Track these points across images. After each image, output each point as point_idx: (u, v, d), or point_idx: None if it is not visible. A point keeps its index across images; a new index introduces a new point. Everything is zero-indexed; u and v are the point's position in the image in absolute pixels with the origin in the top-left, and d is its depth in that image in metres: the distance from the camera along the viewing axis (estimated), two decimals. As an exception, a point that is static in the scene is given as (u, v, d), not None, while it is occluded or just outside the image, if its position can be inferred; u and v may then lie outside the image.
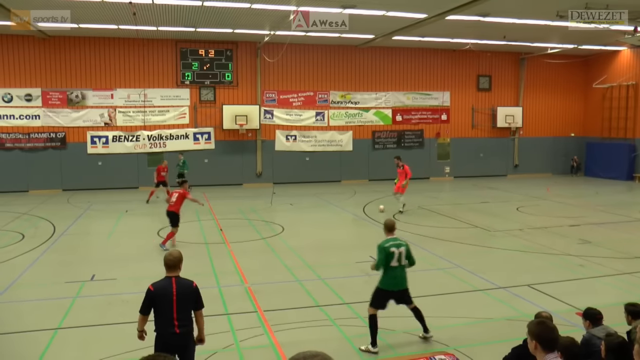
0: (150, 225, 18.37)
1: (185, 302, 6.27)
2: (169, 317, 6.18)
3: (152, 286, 6.29)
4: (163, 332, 6.22)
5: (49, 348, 8.36)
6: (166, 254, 6.43)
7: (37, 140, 27.15)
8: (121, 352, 7.92)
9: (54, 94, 27.20)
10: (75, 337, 8.90)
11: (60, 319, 9.54)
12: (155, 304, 6.23)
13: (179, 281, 6.32)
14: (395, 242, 8.41)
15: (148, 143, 28.02)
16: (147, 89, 27.84)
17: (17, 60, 26.66)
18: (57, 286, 11.67)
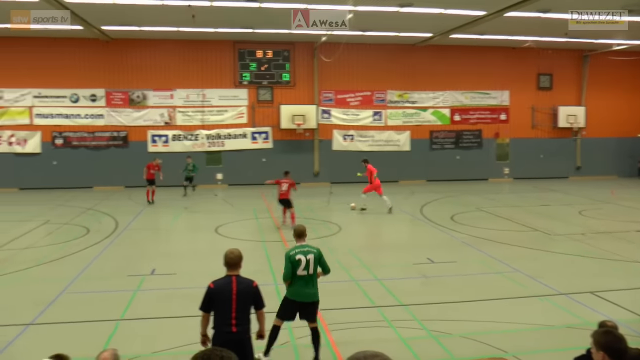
0: (208, 222, 18.72)
1: (245, 301, 6.32)
2: (227, 316, 6.23)
3: (213, 284, 6.33)
4: (220, 329, 6.28)
5: (112, 338, 8.65)
6: (227, 253, 6.47)
7: (100, 139, 28.15)
8: (180, 344, 8.12)
9: (117, 94, 28.13)
10: (136, 329, 9.20)
11: (123, 311, 9.87)
12: (215, 301, 6.27)
13: (239, 280, 6.36)
14: (303, 249, 7.76)
15: (206, 142, 28.60)
16: (205, 89, 28.41)
17: (83, 62, 27.74)
18: (119, 279, 12.05)
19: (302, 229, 8.11)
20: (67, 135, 28.06)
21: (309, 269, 7.67)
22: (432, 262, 13.21)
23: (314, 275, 7.77)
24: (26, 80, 27.61)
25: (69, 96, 27.91)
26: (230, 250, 6.56)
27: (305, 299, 7.73)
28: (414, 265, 12.93)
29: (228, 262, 6.42)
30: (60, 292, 11.19)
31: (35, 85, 27.73)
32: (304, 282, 7.67)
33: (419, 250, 14.52)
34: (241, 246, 14.81)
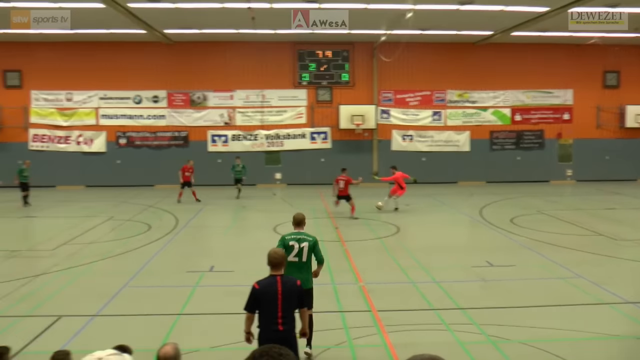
0: (267, 221, 18.93)
1: (290, 300, 6.32)
2: (274, 315, 6.25)
3: (258, 284, 6.36)
4: (266, 329, 6.28)
5: (172, 332, 8.89)
6: (271, 253, 6.48)
7: (162, 139, 28.94)
8: (237, 340, 8.20)
9: (178, 96, 28.84)
10: (195, 324, 9.42)
11: (182, 306, 10.12)
12: (260, 301, 6.29)
13: (283, 279, 6.37)
14: (298, 236, 7.92)
15: (266, 142, 28.94)
16: (265, 90, 28.75)
17: (146, 65, 28.63)
18: (179, 275, 12.34)
19: (301, 216, 8.28)
20: (131, 135, 28.99)
21: (302, 257, 7.79)
22: (491, 266, 12.98)
23: (307, 263, 7.89)
24: (93, 83, 28.72)
25: (133, 98, 28.85)
26: (274, 250, 6.60)
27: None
28: (472, 268, 12.73)
29: (272, 262, 6.43)
30: (123, 285, 11.57)
31: (101, 87, 28.81)
32: (296, 269, 7.71)
33: (478, 252, 14.28)
34: (299, 246, 14.90)
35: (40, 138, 29.28)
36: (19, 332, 9.08)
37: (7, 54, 28.80)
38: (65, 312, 9.97)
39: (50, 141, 29.25)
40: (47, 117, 29.17)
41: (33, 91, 29.17)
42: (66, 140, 29.19)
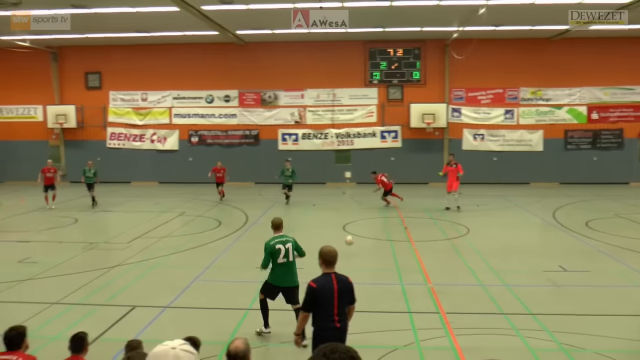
0: (336, 219, 18.95)
1: (344, 297, 6.41)
2: (330, 313, 6.32)
3: (314, 283, 6.39)
4: (323, 327, 6.35)
5: (240, 326, 9.04)
6: (326, 251, 6.51)
7: (233, 137, 29.48)
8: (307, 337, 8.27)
9: (249, 95, 29.31)
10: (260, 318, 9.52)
11: (251, 301, 10.25)
12: (317, 300, 6.33)
13: (338, 277, 6.44)
14: (281, 239, 8.54)
15: (336, 141, 28.98)
16: (335, 89, 28.79)
17: (218, 65, 29.25)
18: (248, 270, 12.42)
19: (279, 221, 8.90)
20: (202, 133, 29.70)
21: (289, 257, 8.51)
22: (564, 270, 12.54)
23: (293, 261, 8.59)
24: (167, 83, 29.62)
25: (205, 97, 29.55)
26: (328, 248, 6.59)
27: (285, 284, 8.63)
28: (544, 272, 12.32)
29: (328, 259, 6.47)
30: (194, 279, 11.88)
31: (174, 87, 29.67)
32: (285, 270, 8.52)
33: (550, 256, 13.83)
34: (367, 244, 14.98)
35: (117, 136, 30.47)
36: (96, 319, 9.49)
37: (88, 57, 30.13)
38: (139, 303, 10.35)
39: (126, 139, 30.38)
40: (124, 116, 30.32)
41: (111, 92, 30.39)
42: (141, 138, 30.23)
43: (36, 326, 8.63)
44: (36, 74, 30.61)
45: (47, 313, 9.98)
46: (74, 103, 30.30)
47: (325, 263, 6.48)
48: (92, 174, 22.34)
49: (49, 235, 17.22)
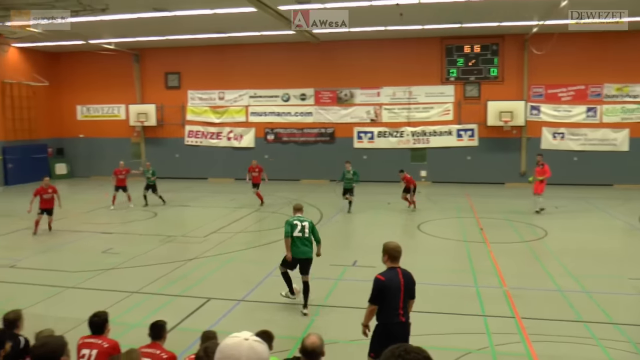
0: (411, 218, 18.76)
1: (409, 291, 6.53)
2: (395, 307, 6.42)
3: (382, 276, 6.48)
4: (388, 321, 6.44)
5: (313, 322, 9.10)
6: (391, 246, 6.61)
7: (309, 135, 29.71)
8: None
9: (325, 93, 29.45)
10: (336, 316, 9.64)
11: (324, 297, 10.32)
12: (384, 294, 6.41)
13: (403, 271, 6.56)
14: (299, 218, 10.09)
15: (411, 139, 28.70)
16: (412, 86, 28.50)
17: (294, 64, 29.56)
18: (322, 267, 12.45)
19: (300, 205, 10.56)
20: (278, 131, 30.10)
21: (304, 232, 9.88)
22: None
23: (309, 238, 9.94)
24: (244, 82, 30.23)
25: (281, 96, 29.93)
26: (393, 243, 6.69)
27: (300, 255, 9.87)
28: (629, 280, 11.69)
29: (394, 255, 6.57)
30: (267, 274, 12.06)
31: (251, 86, 30.23)
32: (300, 242, 9.87)
33: (636, 263, 13.17)
34: (443, 245, 14.78)
35: (195, 134, 31.35)
36: (173, 309, 9.82)
37: (168, 58, 31.27)
38: (214, 295, 10.63)
39: (204, 137, 31.21)
40: (201, 114, 31.16)
41: (190, 91, 31.33)
42: (218, 136, 30.97)
43: (117, 313, 8.99)
44: (120, 75, 32.09)
45: (127, 301, 10.43)
46: (154, 102, 31.49)
47: (390, 258, 6.59)
48: (150, 174, 22.27)
49: (129, 228, 17.92)
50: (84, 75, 32.85)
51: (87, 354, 5.89)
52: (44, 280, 11.91)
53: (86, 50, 30.75)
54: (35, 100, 31.49)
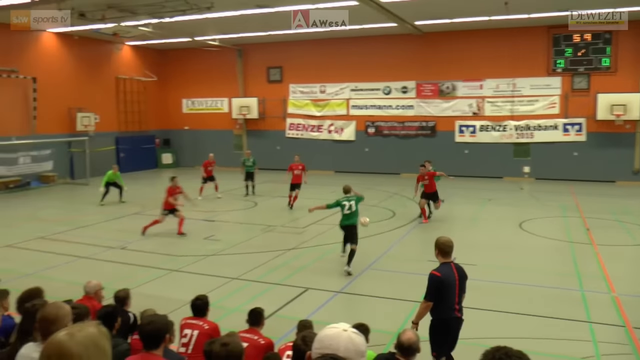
0: (513, 215, 18.11)
1: (463, 286, 6.57)
2: (451, 302, 6.44)
3: (438, 272, 6.45)
4: (444, 316, 6.44)
5: (410, 317, 8.94)
6: (443, 241, 6.58)
7: (409, 129, 29.37)
8: (473, 336, 8.03)
9: (427, 86, 28.96)
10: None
11: (422, 294, 10.12)
12: (440, 289, 6.39)
13: (457, 266, 6.58)
14: (348, 198, 12.21)
15: (515, 133, 27.67)
16: (516, 78, 27.46)
17: (395, 57, 29.22)
18: (419, 263, 12.30)
19: (348, 187, 12.77)
20: (379, 124, 29.96)
21: (352, 209, 12.03)
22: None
23: (355, 211, 12.13)
24: (345, 75, 30.30)
25: (382, 89, 29.75)
26: (444, 238, 6.67)
27: (347, 223, 12.08)
28: None
29: (445, 250, 6.56)
30: (366, 267, 12.09)
31: (352, 79, 30.25)
32: (348, 216, 12.03)
33: None
34: (546, 245, 14.20)
35: (296, 127, 31.84)
36: (272, 297, 10.04)
37: (270, 53, 31.89)
38: (312, 285, 10.75)
39: (304, 129, 31.63)
40: (303, 107, 31.58)
41: (291, 85, 31.83)
42: (318, 129, 31.27)
43: (218, 297, 9.30)
44: (223, 70, 33.23)
45: (228, 286, 10.79)
46: (256, 96, 32.30)
47: (442, 253, 6.60)
48: (251, 163, 22.87)
49: (231, 217, 18.48)
50: (190, 70, 34.33)
51: (189, 334, 6.14)
52: (151, 262, 12.55)
53: (192, 47, 32.21)
54: (145, 95, 33.51)
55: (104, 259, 13.18)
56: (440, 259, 6.61)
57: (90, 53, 29.73)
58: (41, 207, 20.53)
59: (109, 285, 8.93)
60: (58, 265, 12.71)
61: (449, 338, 6.56)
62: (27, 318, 3.98)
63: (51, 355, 2.01)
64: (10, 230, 16.68)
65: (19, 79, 25.96)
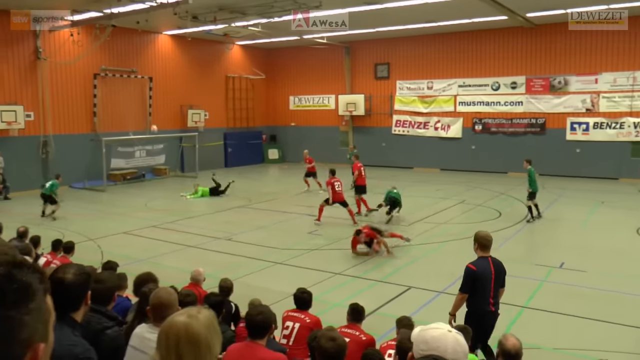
0: (629, 220, 16.96)
1: (499, 280, 6.68)
2: (486, 296, 6.60)
3: (474, 265, 6.61)
4: (478, 309, 6.63)
5: (514, 324, 8.65)
6: (482, 235, 6.72)
7: (518, 126, 28.29)
8: (580, 347, 7.66)
9: (537, 81, 27.74)
10: (538, 320, 9.01)
11: (527, 299, 9.76)
12: (475, 282, 6.58)
13: (494, 260, 6.67)
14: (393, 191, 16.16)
15: (633, 131, 25.88)
16: (636, 71, 25.66)
17: (505, 51, 28.28)
18: (526, 266, 11.91)
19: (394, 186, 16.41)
20: (486, 121, 29.09)
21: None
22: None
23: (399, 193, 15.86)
24: (453, 71, 29.73)
25: (491, 84, 28.85)
26: (484, 232, 6.83)
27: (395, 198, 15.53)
28: None
29: (484, 243, 6.67)
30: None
31: (460, 75, 29.60)
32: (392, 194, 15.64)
33: None
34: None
35: (402, 123, 31.58)
36: (374, 294, 10.05)
37: (378, 49, 31.91)
38: (415, 284, 10.63)
39: (411, 126, 31.31)
40: (409, 104, 31.27)
41: (398, 81, 31.63)
42: (425, 125, 30.84)
43: (320, 292, 9.38)
44: (330, 67, 33.68)
45: (330, 281, 10.88)
46: (363, 92, 32.41)
47: (480, 247, 6.71)
48: (349, 156, 23.55)
49: (333, 212, 18.49)
50: (297, 68, 35.02)
51: (290, 326, 6.24)
52: (255, 254, 12.90)
53: (299, 45, 32.74)
54: (253, 92, 34.70)
55: (210, 248, 13.76)
56: (479, 252, 6.73)
57: (201, 53, 31.02)
58: (154, 197, 21.63)
59: (216, 274, 9.26)
60: (168, 252, 13.42)
61: (483, 330, 6.68)
62: (143, 300, 4.23)
63: (180, 337, 2.11)
64: (127, 218, 17.83)
65: (137, 78, 27.62)
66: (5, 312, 1.34)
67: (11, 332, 1.35)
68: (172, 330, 2.15)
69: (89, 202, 21.14)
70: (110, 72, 26.35)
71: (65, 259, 9.58)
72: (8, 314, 1.34)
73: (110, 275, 5.00)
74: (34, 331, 1.40)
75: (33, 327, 1.39)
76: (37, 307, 1.42)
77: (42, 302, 1.43)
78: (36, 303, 1.41)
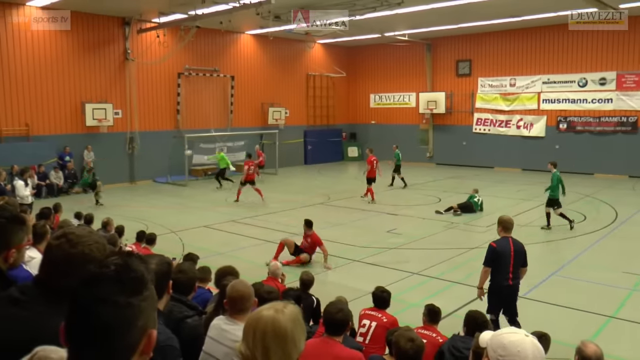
0: None
1: (519, 258, 7.60)
2: (506, 271, 7.55)
3: (495, 243, 7.62)
4: (498, 283, 7.59)
5: (600, 333, 8.33)
6: (506, 218, 7.84)
7: (606, 124, 26.98)
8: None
9: (630, 77, 26.31)
10: (627, 331, 8.66)
11: (616, 309, 9.36)
12: (495, 259, 7.54)
13: (514, 241, 7.66)
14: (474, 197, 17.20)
15: None
16: None
17: (593, 46, 26.98)
18: (613, 273, 11.43)
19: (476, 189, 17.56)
20: (572, 119, 27.95)
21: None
22: None
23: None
24: (537, 67, 28.76)
25: (577, 81, 27.64)
26: (507, 216, 7.96)
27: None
28: None
29: (507, 226, 7.73)
30: (552, 273, 11.48)
31: (544, 71, 28.58)
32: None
33: None
34: None
35: (483, 122, 30.88)
36: (452, 295, 9.96)
37: (460, 46, 31.38)
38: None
39: (492, 125, 30.57)
40: (491, 102, 30.53)
41: (480, 78, 30.93)
42: (507, 124, 30.04)
43: (397, 291, 9.35)
44: (411, 65, 33.43)
45: (408, 281, 10.86)
46: (444, 90, 31.97)
47: (504, 229, 7.75)
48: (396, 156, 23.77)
49: (413, 211, 18.44)
50: (378, 66, 34.92)
51: (367, 324, 6.28)
52: (333, 251, 12.96)
53: (380, 43, 32.60)
54: (333, 90, 34.89)
55: (288, 244, 13.93)
56: (501, 233, 7.77)
57: (283, 52, 31.49)
58: (234, 193, 22.13)
59: (293, 270, 9.41)
60: (246, 247, 13.74)
61: (501, 301, 7.74)
62: (223, 293, 4.40)
63: (267, 331, 2.19)
64: (207, 212, 18.41)
65: (219, 77, 28.38)
66: (126, 299, 1.47)
67: (132, 318, 1.48)
68: (259, 324, 2.23)
69: (171, 196, 21.97)
70: (193, 72, 27.19)
71: (147, 250, 10.05)
72: (129, 301, 1.47)
73: (190, 266, 5.23)
74: (149, 318, 1.53)
75: (147, 314, 1.52)
76: (151, 295, 1.55)
77: (152, 290, 1.56)
78: (149, 291, 1.54)
